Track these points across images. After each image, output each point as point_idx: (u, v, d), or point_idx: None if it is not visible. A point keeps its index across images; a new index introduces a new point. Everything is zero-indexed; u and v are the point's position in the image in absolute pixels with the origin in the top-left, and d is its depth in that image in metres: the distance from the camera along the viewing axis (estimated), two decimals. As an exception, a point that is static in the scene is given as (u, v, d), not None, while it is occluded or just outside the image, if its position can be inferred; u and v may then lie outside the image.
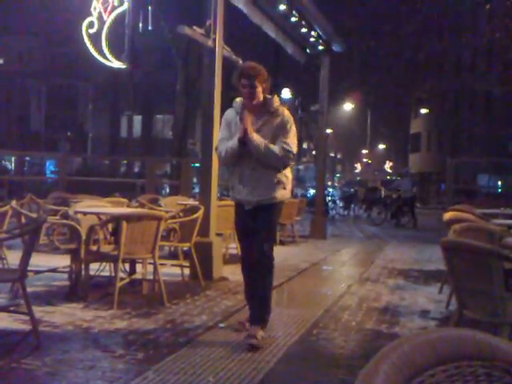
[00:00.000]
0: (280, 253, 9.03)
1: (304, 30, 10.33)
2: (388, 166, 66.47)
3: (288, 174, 4.16)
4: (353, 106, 44.28)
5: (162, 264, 5.49)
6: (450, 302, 5.11)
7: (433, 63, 34.07)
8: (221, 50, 6.54)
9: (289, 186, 4.15)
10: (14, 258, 4.86)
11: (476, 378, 1.04)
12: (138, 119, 40.44)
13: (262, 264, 4.02)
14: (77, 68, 37.38)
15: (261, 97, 4.00)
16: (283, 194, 4.10)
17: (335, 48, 11.62)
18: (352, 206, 23.23)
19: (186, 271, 6.15)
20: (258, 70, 4.01)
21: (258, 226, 4.01)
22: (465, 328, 1.11)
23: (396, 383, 0.96)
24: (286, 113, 4.07)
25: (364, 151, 62.91)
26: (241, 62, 8.00)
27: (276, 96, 4.11)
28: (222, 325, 4.44)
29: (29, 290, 3.79)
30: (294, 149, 4.02)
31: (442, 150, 40.26)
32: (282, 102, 4.16)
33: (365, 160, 63.69)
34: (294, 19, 9.74)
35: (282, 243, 10.22)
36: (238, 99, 4.15)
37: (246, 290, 4.25)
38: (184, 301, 5.19)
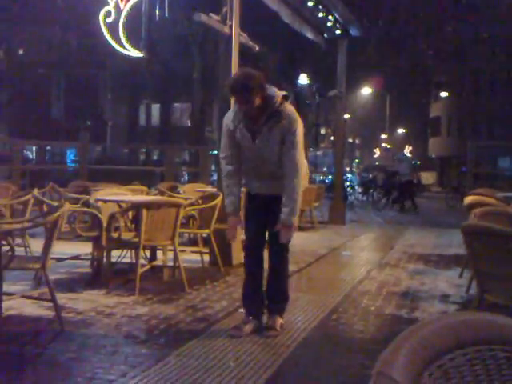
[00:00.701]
0: (299, 239, 9.03)
1: (321, 14, 10.23)
2: (407, 150, 65.83)
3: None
4: (371, 91, 43.84)
5: (181, 251, 5.54)
6: (471, 287, 5.08)
7: (453, 45, 33.53)
8: (237, 36, 6.51)
9: (304, 175, 3.88)
10: (36, 246, 4.95)
11: (496, 361, 1.05)
12: (156, 107, 40.59)
13: (281, 255, 3.95)
14: (95, 57, 37.52)
15: (259, 102, 3.61)
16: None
17: (353, 32, 11.49)
18: (371, 191, 23.09)
19: (206, 258, 6.20)
20: (248, 82, 3.58)
21: (275, 217, 3.76)
22: (485, 312, 1.11)
23: (415, 367, 0.96)
24: (290, 113, 3.71)
25: (383, 136, 62.35)
26: (257, 48, 7.97)
27: (277, 92, 3.71)
28: (241, 310, 4.47)
29: (52, 277, 3.86)
30: (301, 159, 3.72)
31: (462, 134, 39.73)
32: (286, 96, 3.75)
33: (384, 145, 63.12)
34: (310, 3, 9.64)
35: (300, 229, 10.22)
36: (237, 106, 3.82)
37: (247, 286, 3.99)
38: (204, 287, 5.24)
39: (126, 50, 12.19)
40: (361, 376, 3.09)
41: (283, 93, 3.77)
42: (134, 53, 12.25)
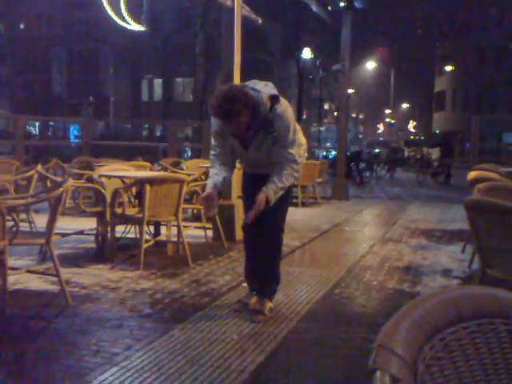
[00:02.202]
0: (302, 214, 9.09)
1: (325, -14, 10.09)
2: (412, 125, 65.44)
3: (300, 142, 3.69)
4: (375, 65, 43.41)
5: (185, 226, 5.56)
6: (473, 261, 5.10)
7: (458, 19, 33.10)
8: (240, 9, 6.43)
9: (301, 154, 3.67)
10: (41, 222, 4.98)
11: (497, 334, 1.06)
12: (158, 82, 40.35)
13: (274, 235, 3.74)
14: (97, 32, 37.21)
15: (247, 119, 3.34)
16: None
17: (357, 4, 11.34)
18: (374, 166, 23.04)
19: (210, 233, 6.23)
20: (231, 106, 3.22)
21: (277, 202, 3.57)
22: (487, 286, 1.12)
23: (417, 340, 0.97)
24: (282, 115, 3.41)
25: (387, 111, 61.95)
26: (260, 21, 7.87)
27: (265, 98, 3.37)
28: (245, 284, 4.50)
29: (56, 252, 3.89)
30: (296, 151, 3.51)
31: (467, 109, 39.44)
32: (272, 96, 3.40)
33: (388, 120, 62.74)
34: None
35: (303, 205, 10.25)
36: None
37: (248, 264, 3.93)
38: (208, 262, 5.28)
39: (128, 23, 12.06)
40: (363, 349, 3.13)
41: (272, 92, 3.42)
42: (136, 27, 12.12)
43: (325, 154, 24.69)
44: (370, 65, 43.01)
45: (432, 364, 0.97)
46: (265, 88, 3.44)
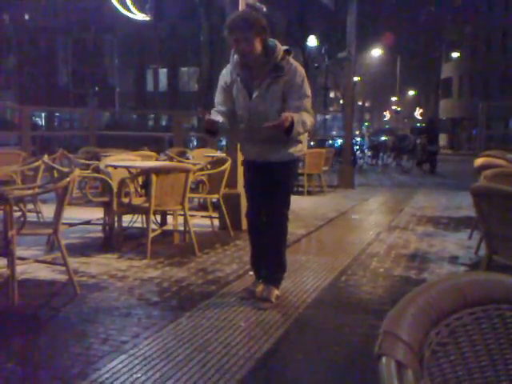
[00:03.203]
0: (308, 202, 9.09)
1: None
2: (418, 112, 65.09)
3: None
4: (381, 52, 43.10)
5: (191, 215, 5.58)
6: (480, 248, 5.10)
7: (465, 4, 32.78)
8: (244, -3, 6.39)
9: (305, 138, 3.66)
10: (48, 212, 5.00)
11: (503, 320, 1.06)
12: (163, 72, 40.27)
13: (278, 221, 3.71)
14: (102, 22, 37.09)
15: (259, 49, 3.37)
16: (300, 148, 3.65)
17: (363, -9, 11.24)
18: (380, 154, 22.98)
19: (216, 222, 6.24)
20: (251, 18, 3.34)
21: (273, 185, 3.62)
22: (493, 272, 1.12)
23: (422, 326, 0.97)
24: (295, 66, 3.44)
25: (393, 98, 61.61)
26: (265, 9, 7.82)
27: (278, 45, 3.43)
28: (251, 273, 4.52)
29: (64, 242, 3.91)
30: (309, 103, 3.44)
31: (474, 95, 39.15)
32: (287, 52, 3.46)
33: (394, 107, 62.41)
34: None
35: (309, 193, 10.25)
36: (236, 55, 3.51)
37: (253, 252, 3.92)
38: (214, 250, 5.30)
39: (132, 13, 12.02)
40: (369, 336, 3.14)
41: (285, 47, 3.48)
42: (140, 16, 12.09)
43: (331, 142, 24.61)
44: (376, 52, 42.70)
45: (438, 350, 0.97)
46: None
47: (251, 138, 3.62)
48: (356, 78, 31.43)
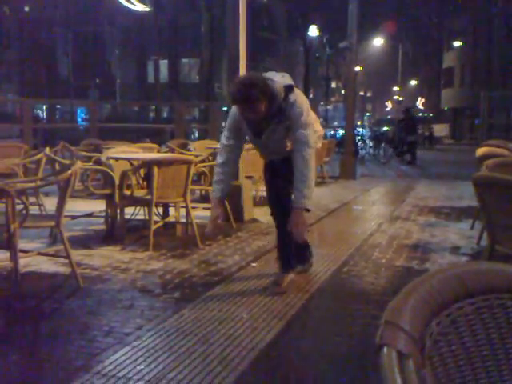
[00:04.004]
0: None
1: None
2: (420, 102, 64.88)
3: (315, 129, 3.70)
4: (383, 42, 42.89)
5: (193, 207, 5.58)
6: (482, 238, 5.09)
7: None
8: (245, -13, 6.35)
9: (315, 139, 3.63)
10: (50, 205, 5.01)
11: (504, 310, 1.06)
12: (164, 64, 40.13)
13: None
14: (102, 13, 36.94)
15: (264, 109, 3.43)
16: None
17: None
18: (382, 145, 22.92)
19: (218, 214, 6.24)
20: (257, 90, 3.31)
21: (280, 179, 3.81)
22: (495, 262, 1.12)
23: (423, 316, 0.98)
24: (294, 101, 3.47)
25: (395, 88, 61.37)
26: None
27: (279, 89, 3.44)
28: (254, 264, 4.54)
29: (67, 234, 3.92)
30: (310, 133, 3.48)
31: (476, 85, 38.96)
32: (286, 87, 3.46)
33: (396, 97, 62.21)
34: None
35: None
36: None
37: (279, 239, 4.05)
38: (217, 242, 5.31)
39: (133, 4, 11.97)
40: (372, 326, 3.15)
41: (287, 82, 3.51)
42: (140, 7, 12.05)
43: (332, 132, 24.56)
44: (378, 41, 42.50)
45: (439, 339, 0.98)
46: (281, 79, 3.55)
47: (266, 153, 3.93)
48: (357, 68, 31.31)
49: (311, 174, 3.47)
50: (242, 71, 6.08)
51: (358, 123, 37.36)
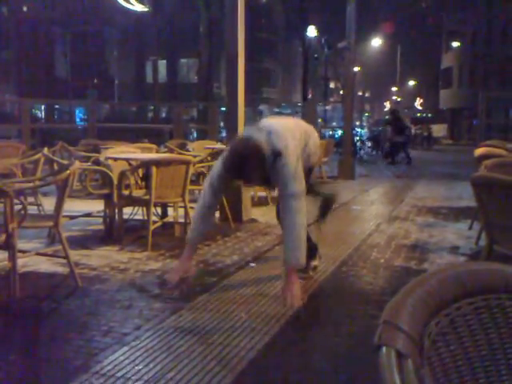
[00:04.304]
0: (309, 194, 9.08)
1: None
2: (418, 102, 64.94)
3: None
4: (381, 42, 42.90)
5: (192, 207, 5.57)
6: (480, 238, 5.10)
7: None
8: (244, -12, 6.36)
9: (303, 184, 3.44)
10: (49, 205, 5.01)
11: (503, 310, 1.06)
12: (162, 64, 40.13)
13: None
14: (100, 13, 36.93)
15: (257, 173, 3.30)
16: None
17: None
18: (381, 145, 22.93)
19: (217, 214, 6.24)
20: (244, 164, 3.15)
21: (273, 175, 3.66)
22: (493, 262, 1.12)
23: (422, 316, 0.98)
24: (281, 165, 3.29)
25: (393, 89, 61.43)
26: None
27: (269, 151, 3.26)
28: (252, 264, 4.54)
29: (65, 234, 3.92)
30: (297, 184, 3.32)
31: (474, 85, 39.00)
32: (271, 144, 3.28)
33: (394, 98, 62.26)
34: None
35: (310, 184, 10.24)
36: None
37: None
38: (215, 242, 5.30)
39: (131, 4, 11.97)
40: (370, 326, 3.15)
41: (274, 144, 3.28)
42: (139, 7, 12.04)
43: (331, 132, 24.57)
44: (376, 42, 42.52)
45: (437, 340, 0.98)
46: (267, 137, 3.27)
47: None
48: (356, 69, 31.33)
49: (301, 228, 3.27)
50: (241, 71, 6.09)
51: (357, 123, 37.34)
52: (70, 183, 3.72)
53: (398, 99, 58.55)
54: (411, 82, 64.72)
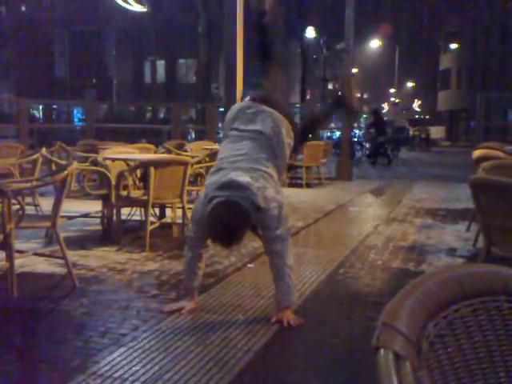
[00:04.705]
0: (306, 195, 9.09)
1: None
2: (416, 104, 64.99)
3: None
4: (380, 44, 42.95)
5: (190, 208, 5.57)
6: (478, 240, 5.10)
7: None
8: (242, -12, 6.36)
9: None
10: (46, 205, 5.00)
11: (500, 312, 1.06)
12: (161, 64, 40.13)
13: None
14: (99, 13, 36.93)
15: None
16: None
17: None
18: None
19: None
20: (231, 238, 3.00)
21: None
22: (491, 264, 1.12)
23: (420, 318, 0.98)
24: (269, 209, 3.11)
25: (391, 90, 61.48)
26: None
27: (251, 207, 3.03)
28: (250, 265, 4.54)
29: (63, 235, 3.91)
30: (282, 226, 3.20)
31: (473, 87, 39.07)
32: None
33: (392, 99, 62.31)
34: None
35: (308, 185, 10.25)
36: None
37: None
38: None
39: (130, 4, 11.96)
40: (368, 328, 3.15)
41: (258, 203, 3.02)
42: (138, 7, 12.04)
43: (329, 134, 24.57)
44: (375, 43, 42.55)
45: (435, 341, 0.98)
46: (254, 192, 3.00)
47: None
48: (354, 70, 31.35)
49: (290, 270, 3.25)
50: (239, 72, 6.09)
51: (355, 125, 37.35)
52: (68, 183, 3.72)
53: (397, 101, 58.57)
54: (409, 84, 64.79)
